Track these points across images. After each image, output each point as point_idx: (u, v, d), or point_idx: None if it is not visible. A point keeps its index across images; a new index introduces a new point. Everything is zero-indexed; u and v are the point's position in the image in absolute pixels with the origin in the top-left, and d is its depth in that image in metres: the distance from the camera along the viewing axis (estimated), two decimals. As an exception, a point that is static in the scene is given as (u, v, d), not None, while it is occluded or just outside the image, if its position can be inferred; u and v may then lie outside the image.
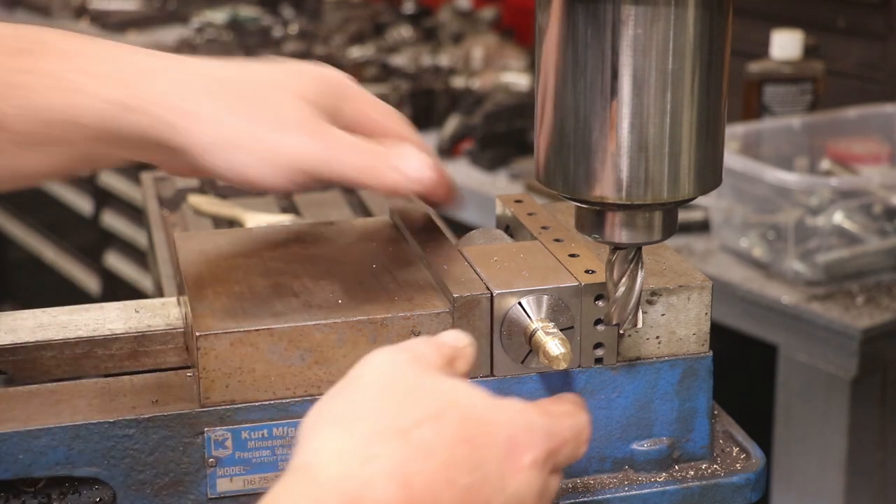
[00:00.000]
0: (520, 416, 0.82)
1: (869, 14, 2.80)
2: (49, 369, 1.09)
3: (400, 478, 0.76)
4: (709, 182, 0.96)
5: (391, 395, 0.81)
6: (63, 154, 0.99)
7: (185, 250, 1.13)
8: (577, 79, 0.92)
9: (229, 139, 0.98)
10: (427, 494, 0.76)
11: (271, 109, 0.99)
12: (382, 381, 0.82)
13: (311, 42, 3.79)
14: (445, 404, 0.80)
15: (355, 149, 1.00)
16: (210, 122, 0.98)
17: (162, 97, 0.97)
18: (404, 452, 0.77)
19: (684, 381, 1.07)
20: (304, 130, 0.99)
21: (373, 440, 0.77)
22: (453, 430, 0.79)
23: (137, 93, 0.97)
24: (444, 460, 0.77)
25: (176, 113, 0.97)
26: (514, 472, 0.80)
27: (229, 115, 0.98)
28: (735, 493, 1.07)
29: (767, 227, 2.25)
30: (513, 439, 0.81)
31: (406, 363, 0.83)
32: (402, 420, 0.78)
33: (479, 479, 0.78)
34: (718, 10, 0.91)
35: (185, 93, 0.98)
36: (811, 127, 2.48)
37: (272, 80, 1.01)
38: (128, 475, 0.98)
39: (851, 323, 2.06)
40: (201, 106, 0.98)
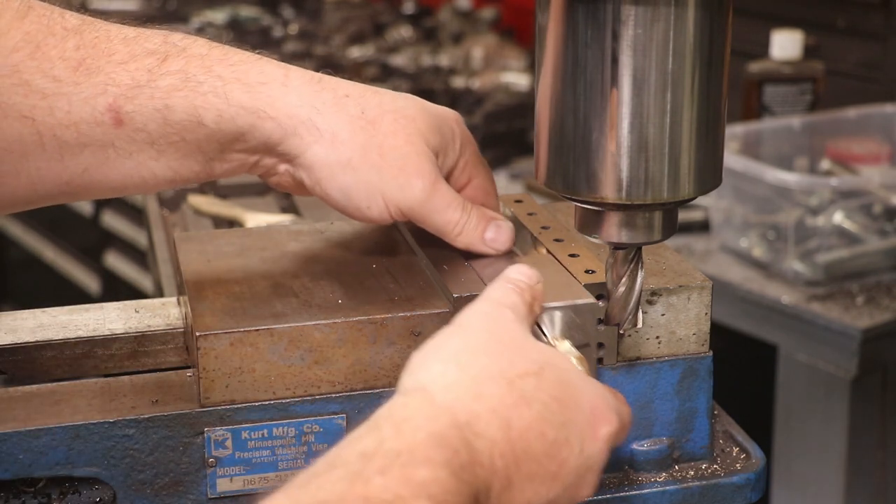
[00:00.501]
0: (602, 391, 0.89)
1: (869, 14, 2.80)
2: (49, 369, 1.09)
3: (503, 419, 0.82)
4: (709, 182, 0.96)
5: (499, 344, 0.87)
6: (182, 154, 1.02)
7: (185, 250, 1.13)
8: (577, 79, 0.92)
9: (351, 163, 1.02)
10: (521, 439, 0.82)
11: (397, 146, 1.03)
12: (491, 330, 0.88)
13: (311, 42, 3.79)
14: (545, 363, 0.87)
15: (454, 206, 1.05)
16: (336, 143, 1.02)
17: (295, 109, 1.01)
18: (509, 397, 0.83)
19: (684, 381, 1.07)
20: (418, 175, 1.03)
21: (483, 380, 0.84)
22: (550, 387, 0.85)
23: (269, 101, 1.01)
24: (539, 412, 0.84)
25: (307, 126, 1.01)
26: (592, 440, 0.86)
27: (357, 141, 1.02)
28: (735, 493, 1.07)
29: (767, 227, 2.25)
30: (595, 410, 0.87)
31: (509, 318, 0.89)
32: (509, 369, 0.85)
33: (563, 437, 0.85)
34: (718, 10, 0.91)
35: (319, 109, 1.02)
36: (811, 127, 2.48)
37: (405, 115, 1.05)
38: (128, 475, 0.98)
39: (851, 323, 2.06)
40: (333, 125, 1.02)
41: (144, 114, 0.99)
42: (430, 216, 1.05)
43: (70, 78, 0.98)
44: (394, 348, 1.01)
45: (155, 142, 1.01)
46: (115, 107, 0.99)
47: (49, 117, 0.98)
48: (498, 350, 0.86)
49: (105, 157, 1.00)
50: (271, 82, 1.02)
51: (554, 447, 0.84)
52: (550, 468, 0.84)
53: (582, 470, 0.86)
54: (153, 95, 0.99)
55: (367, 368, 1.01)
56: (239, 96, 1.01)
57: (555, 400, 0.85)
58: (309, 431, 1.00)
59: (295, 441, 1.00)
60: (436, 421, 0.80)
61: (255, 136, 1.02)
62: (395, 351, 1.01)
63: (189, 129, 1.00)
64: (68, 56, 0.98)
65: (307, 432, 1.00)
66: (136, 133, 1.00)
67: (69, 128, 0.99)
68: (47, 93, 0.98)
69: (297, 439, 1.00)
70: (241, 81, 1.01)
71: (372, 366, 1.01)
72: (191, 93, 1.00)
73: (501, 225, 1.08)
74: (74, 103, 0.98)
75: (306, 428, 1.00)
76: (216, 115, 1.00)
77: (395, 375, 1.01)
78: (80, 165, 1.00)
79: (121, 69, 0.99)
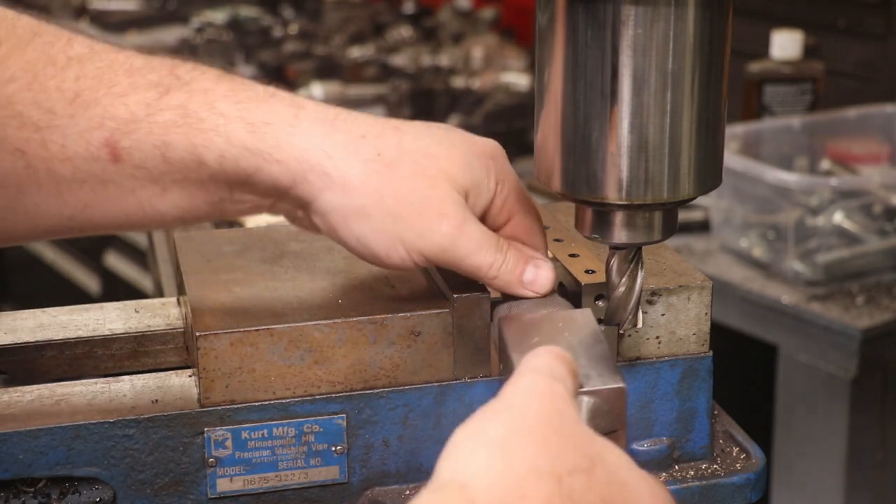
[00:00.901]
0: (658, 491, 0.81)
1: (869, 14, 2.80)
2: (49, 369, 1.09)
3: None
4: (709, 182, 0.96)
5: (551, 429, 0.78)
6: (185, 192, 0.96)
7: (185, 250, 1.13)
8: (577, 79, 0.92)
9: (364, 210, 0.96)
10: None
11: (416, 189, 0.96)
12: (542, 411, 0.79)
13: (311, 42, 3.79)
14: (597, 458, 0.78)
15: (485, 248, 0.98)
16: (348, 189, 0.95)
17: (303, 153, 0.95)
18: (557, 499, 0.75)
19: (684, 381, 1.07)
20: (439, 220, 0.96)
21: (530, 478, 0.75)
22: (600, 487, 0.77)
23: (275, 143, 0.94)
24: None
25: (316, 172, 0.95)
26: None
27: (370, 186, 0.96)
28: (735, 493, 1.07)
29: (767, 227, 2.25)
30: (655, 495, 0.79)
31: (560, 395, 0.81)
32: (559, 463, 0.77)
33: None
34: (718, 10, 0.91)
35: (330, 153, 0.95)
36: (811, 127, 2.48)
37: (427, 155, 0.98)
38: (128, 475, 0.98)
39: (851, 323, 2.06)
40: (344, 170, 0.95)
41: (143, 150, 0.94)
42: (459, 262, 0.98)
43: (65, 111, 0.93)
44: (394, 348, 1.01)
45: (157, 179, 0.95)
46: (111, 142, 0.94)
47: (42, 151, 0.93)
48: (549, 437, 0.77)
49: (106, 193, 0.95)
50: (278, 122, 0.95)
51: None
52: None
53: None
54: (151, 131, 0.94)
55: (367, 368, 1.01)
56: (242, 136, 0.94)
57: (603, 501, 0.76)
58: (309, 431, 1.00)
59: (295, 441, 1.00)
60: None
61: (262, 179, 0.95)
62: (395, 351, 1.01)
63: (191, 169, 0.95)
64: (66, 87, 0.93)
65: (307, 432, 1.00)
66: (136, 170, 0.95)
67: (64, 162, 0.94)
68: (41, 125, 0.93)
69: (297, 439, 1.00)
70: (244, 120, 0.94)
71: (372, 366, 1.01)
72: (190, 130, 0.94)
73: (541, 265, 1.01)
74: (69, 137, 0.93)
75: (306, 428, 1.00)
76: (218, 155, 0.94)
77: (395, 375, 1.01)
78: (79, 201, 0.95)
79: (119, 102, 0.94)
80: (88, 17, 4.32)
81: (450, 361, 1.02)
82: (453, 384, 1.02)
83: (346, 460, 1.01)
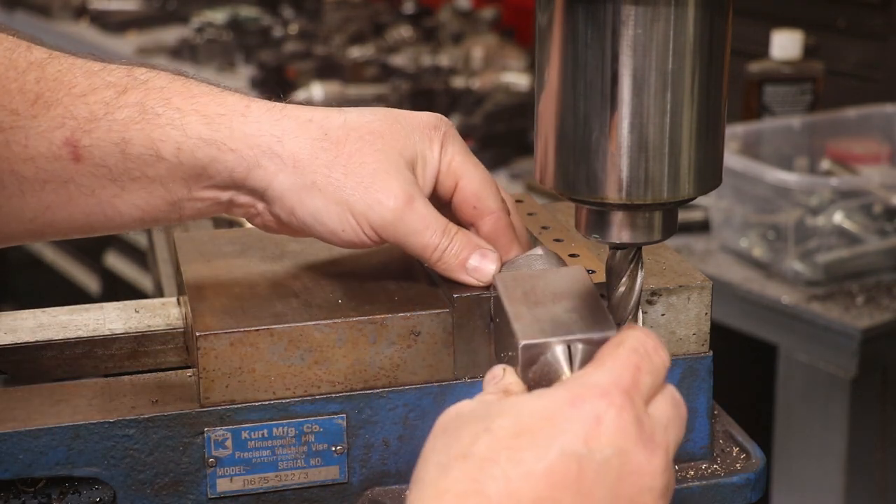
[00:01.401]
0: (575, 376, 0.81)
1: (869, 14, 2.80)
2: (49, 369, 1.09)
3: (473, 495, 0.75)
4: (709, 182, 0.96)
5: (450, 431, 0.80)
6: (146, 191, 0.99)
7: (185, 250, 1.13)
8: (577, 79, 0.92)
9: (316, 185, 0.98)
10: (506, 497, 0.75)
11: (363, 163, 0.99)
12: (442, 425, 0.82)
13: (311, 42, 3.79)
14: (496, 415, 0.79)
15: (432, 229, 1.00)
16: (299, 167, 0.99)
17: (255, 139, 0.98)
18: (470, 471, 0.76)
19: (684, 381, 1.07)
20: (387, 193, 0.99)
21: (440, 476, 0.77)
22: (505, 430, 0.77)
23: (228, 132, 0.98)
24: (509, 459, 0.76)
25: (268, 156, 0.98)
26: (592, 429, 0.76)
27: (320, 162, 0.99)
28: (735, 493, 1.07)
29: (767, 227, 2.25)
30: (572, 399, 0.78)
31: (465, 403, 0.83)
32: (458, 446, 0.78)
33: (557, 456, 0.76)
34: (718, 10, 0.91)
35: (279, 137, 0.99)
36: (811, 127, 2.48)
37: (371, 132, 1.01)
38: (128, 475, 0.98)
39: (851, 323, 2.06)
40: (294, 151, 0.99)
41: (102, 148, 0.97)
42: (405, 238, 1.00)
43: (28, 111, 0.96)
44: (394, 348, 1.01)
45: (116, 178, 0.98)
46: (72, 141, 0.97)
47: (6, 151, 0.96)
48: (445, 442, 0.79)
49: (67, 194, 0.98)
50: (230, 114, 0.99)
51: (552, 473, 0.75)
52: (567, 492, 0.75)
53: (612, 468, 0.76)
54: (111, 129, 0.97)
55: (367, 368, 1.01)
56: (197, 128, 0.98)
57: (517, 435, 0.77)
58: (309, 431, 1.00)
59: (295, 441, 1.00)
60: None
61: (218, 170, 0.99)
62: (395, 351, 1.01)
63: (149, 164, 0.98)
64: (28, 89, 0.96)
65: (307, 432, 1.00)
66: (96, 168, 0.98)
67: (27, 162, 0.96)
68: (4, 126, 0.96)
69: (297, 439, 1.00)
70: (199, 113, 0.98)
71: (372, 366, 1.01)
72: (147, 125, 0.97)
73: (487, 254, 1.02)
74: (31, 137, 0.96)
75: (306, 428, 1.00)
76: (175, 147, 0.97)
77: (395, 375, 1.01)
78: (41, 203, 0.98)
79: (79, 102, 0.97)
80: (88, 17, 4.32)
81: (450, 361, 1.02)
82: (453, 384, 1.02)
83: (346, 460, 1.01)
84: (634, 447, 0.77)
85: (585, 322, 0.92)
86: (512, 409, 0.79)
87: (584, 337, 0.90)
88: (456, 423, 0.80)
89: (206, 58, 3.80)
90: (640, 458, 0.77)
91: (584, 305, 0.94)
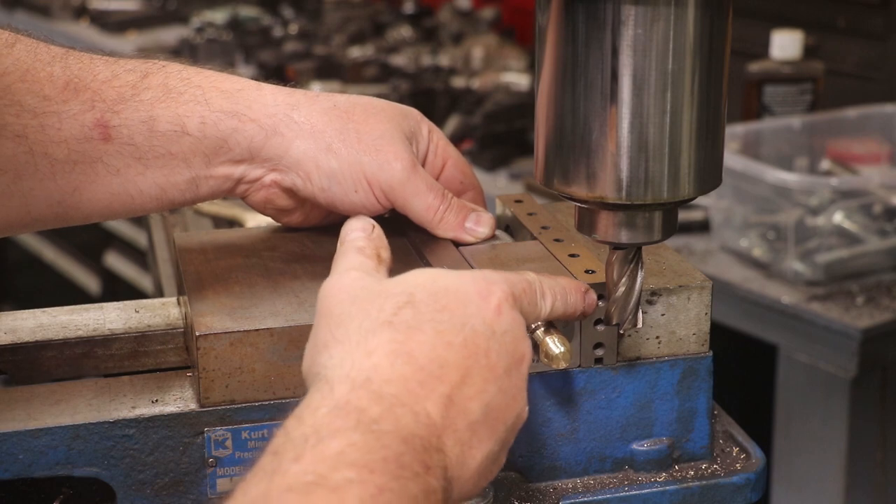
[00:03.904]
0: (477, 273, 0.91)
1: (869, 14, 2.80)
2: (49, 369, 1.09)
3: (402, 355, 0.84)
4: (709, 182, 0.96)
5: (363, 301, 0.88)
6: (168, 169, 1.05)
7: (185, 250, 1.13)
8: (577, 79, 0.92)
9: (332, 148, 1.07)
10: (431, 360, 0.84)
11: (372, 129, 1.08)
12: (349, 295, 0.89)
13: (311, 42, 3.79)
14: (411, 289, 0.88)
15: (434, 191, 1.10)
16: (316, 132, 1.07)
17: (273, 108, 1.06)
18: (398, 335, 0.85)
19: (684, 381, 1.07)
20: (395, 155, 1.08)
21: (366, 337, 0.85)
22: (428, 303, 0.87)
23: (247, 104, 1.06)
24: (433, 329, 0.85)
25: (286, 123, 1.06)
26: (495, 316, 0.88)
27: (334, 126, 1.07)
28: (735, 493, 1.07)
29: (767, 227, 2.25)
30: (480, 291, 0.89)
31: (355, 278, 0.91)
32: (382, 315, 0.86)
33: (470, 333, 0.86)
34: (718, 10, 0.91)
35: (294, 105, 1.07)
36: (811, 127, 2.48)
37: (373, 106, 1.10)
38: (128, 475, 0.98)
39: (851, 323, 2.06)
40: (309, 117, 1.07)
41: (130, 126, 1.03)
42: (411, 199, 1.08)
43: (59, 97, 1.02)
44: (394, 348, 1.01)
45: (142, 156, 1.04)
46: (102, 121, 1.03)
47: (40, 135, 1.01)
48: (363, 307, 0.87)
49: (94, 174, 1.04)
50: (247, 88, 1.07)
51: (468, 346, 0.85)
52: (478, 363, 0.85)
53: (508, 346, 0.87)
54: (138, 108, 1.04)
55: (367, 368, 1.01)
56: (219, 102, 1.05)
57: (440, 310, 0.86)
58: (309, 431, 1.00)
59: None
60: (332, 394, 0.81)
61: (238, 141, 1.05)
62: (395, 351, 1.01)
63: (173, 140, 1.04)
64: (56, 76, 1.02)
65: (307, 432, 1.00)
66: (124, 147, 1.04)
67: (60, 144, 1.02)
68: (38, 111, 1.01)
69: (297, 439, 1.00)
70: (218, 89, 1.06)
71: (372, 366, 1.01)
72: (173, 102, 1.04)
73: (482, 214, 1.13)
74: (64, 120, 1.02)
75: (306, 428, 1.00)
76: (199, 121, 1.04)
77: (395, 375, 1.01)
78: (70, 184, 1.03)
79: (106, 86, 1.04)
80: (88, 17, 4.32)
81: (450, 361, 1.02)
82: (453, 384, 1.02)
83: (346, 460, 1.01)
84: (521, 332, 0.90)
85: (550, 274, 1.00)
86: (432, 287, 0.88)
87: None
88: (367, 293, 0.88)
89: (206, 58, 3.79)
90: (525, 343, 0.90)
91: (546, 267, 1.06)
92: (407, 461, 0.77)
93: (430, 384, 0.83)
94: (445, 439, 0.82)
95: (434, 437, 0.81)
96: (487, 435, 0.85)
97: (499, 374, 0.86)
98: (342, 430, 0.78)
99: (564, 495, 1.04)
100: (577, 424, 1.05)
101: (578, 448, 1.06)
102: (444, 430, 0.82)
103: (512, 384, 0.87)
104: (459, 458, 0.83)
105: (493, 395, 0.85)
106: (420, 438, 0.80)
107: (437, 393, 0.83)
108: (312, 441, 0.77)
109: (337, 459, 0.76)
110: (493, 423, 0.85)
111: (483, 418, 0.85)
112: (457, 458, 0.83)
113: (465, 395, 0.84)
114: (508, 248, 1.11)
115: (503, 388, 0.86)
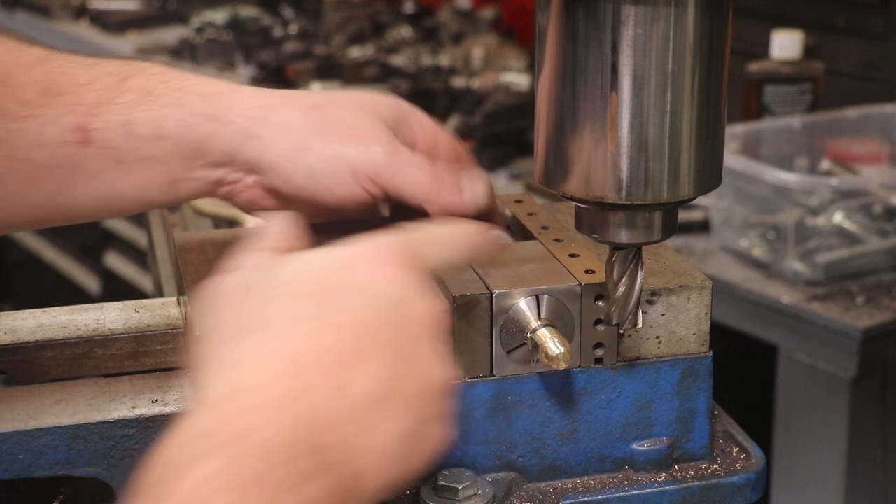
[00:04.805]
0: (361, 244, 0.85)
1: (869, 14, 2.80)
2: (49, 369, 1.09)
3: (273, 356, 0.78)
4: (709, 182, 0.96)
5: (231, 307, 0.83)
6: (148, 172, 1.04)
7: (185, 250, 1.13)
8: (577, 79, 0.92)
9: (310, 147, 1.04)
10: (305, 352, 0.78)
11: (347, 123, 1.06)
12: (219, 303, 0.85)
13: (311, 42, 3.79)
14: (289, 278, 0.83)
15: (420, 165, 1.06)
16: (292, 132, 1.05)
17: (250, 111, 1.05)
18: (266, 335, 0.79)
19: (684, 381, 1.07)
20: (374, 140, 1.05)
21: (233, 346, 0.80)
22: (303, 292, 0.82)
23: (225, 107, 1.05)
24: (307, 317, 0.80)
25: (263, 124, 1.05)
26: (382, 284, 0.82)
27: (312, 126, 1.05)
28: (735, 493, 1.07)
29: (767, 227, 2.25)
30: (364, 260, 0.84)
31: (230, 280, 0.86)
32: (254, 316, 0.81)
33: (350, 311, 0.80)
34: (718, 10, 0.91)
35: (270, 107, 1.06)
36: (811, 127, 2.48)
37: (351, 99, 1.09)
38: (128, 475, 0.98)
39: (851, 323, 2.06)
40: (286, 117, 1.05)
41: (110, 129, 1.03)
42: (397, 179, 1.05)
43: (38, 101, 1.02)
44: (394, 348, 1.01)
45: (122, 159, 1.03)
46: (82, 125, 1.02)
47: (20, 139, 1.01)
48: (230, 316, 0.83)
49: (74, 178, 1.03)
50: (224, 92, 1.06)
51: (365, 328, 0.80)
52: (363, 339, 0.80)
53: (401, 311, 0.82)
54: (118, 111, 1.03)
55: (367, 368, 1.00)
56: (198, 105, 1.04)
57: (322, 292, 0.82)
58: (309, 431, 1.00)
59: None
60: (191, 423, 0.75)
61: (215, 145, 1.04)
62: (395, 351, 1.01)
63: (152, 143, 1.03)
64: (36, 81, 1.02)
65: (307, 432, 1.00)
66: (104, 151, 1.03)
67: (40, 148, 1.01)
68: (18, 116, 1.01)
69: (297, 439, 1.00)
70: (197, 93, 1.05)
71: (372, 366, 1.01)
72: (152, 105, 1.04)
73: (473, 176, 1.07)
74: (44, 124, 1.01)
75: (306, 428, 1.00)
76: (178, 124, 1.03)
77: (395, 375, 1.01)
78: (50, 188, 1.03)
79: (86, 90, 1.03)
80: (88, 17, 4.32)
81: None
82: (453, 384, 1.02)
83: (346, 460, 1.01)
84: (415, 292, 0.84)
85: (549, 278, 1.02)
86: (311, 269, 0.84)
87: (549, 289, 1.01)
88: (235, 296, 0.84)
89: (206, 58, 3.80)
90: (427, 301, 0.84)
91: (546, 267, 1.05)
92: (278, 477, 0.71)
93: (307, 378, 0.77)
94: (337, 433, 0.75)
95: (318, 434, 0.74)
96: (393, 413, 0.78)
97: (393, 345, 0.80)
98: (202, 458, 0.72)
99: (564, 495, 1.04)
100: (577, 424, 1.05)
101: (578, 448, 1.06)
102: (332, 424, 0.75)
103: (412, 349, 0.81)
104: (358, 448, 0.76)
105: (389, 367, 0.79)
106: (299, 443, 0.73)
107: (318, 386, 0.76)
108: (168, 477, 0.71)
109: (202, 489, 0.70)
110: (396, 398, 0.78)
111: (382, 395, 0.78)
112: (355, 450, 0.76)
113: (352, 378, 0.77)
114: (508, 248, 1.11)
115: (400, 358, 0.79)
